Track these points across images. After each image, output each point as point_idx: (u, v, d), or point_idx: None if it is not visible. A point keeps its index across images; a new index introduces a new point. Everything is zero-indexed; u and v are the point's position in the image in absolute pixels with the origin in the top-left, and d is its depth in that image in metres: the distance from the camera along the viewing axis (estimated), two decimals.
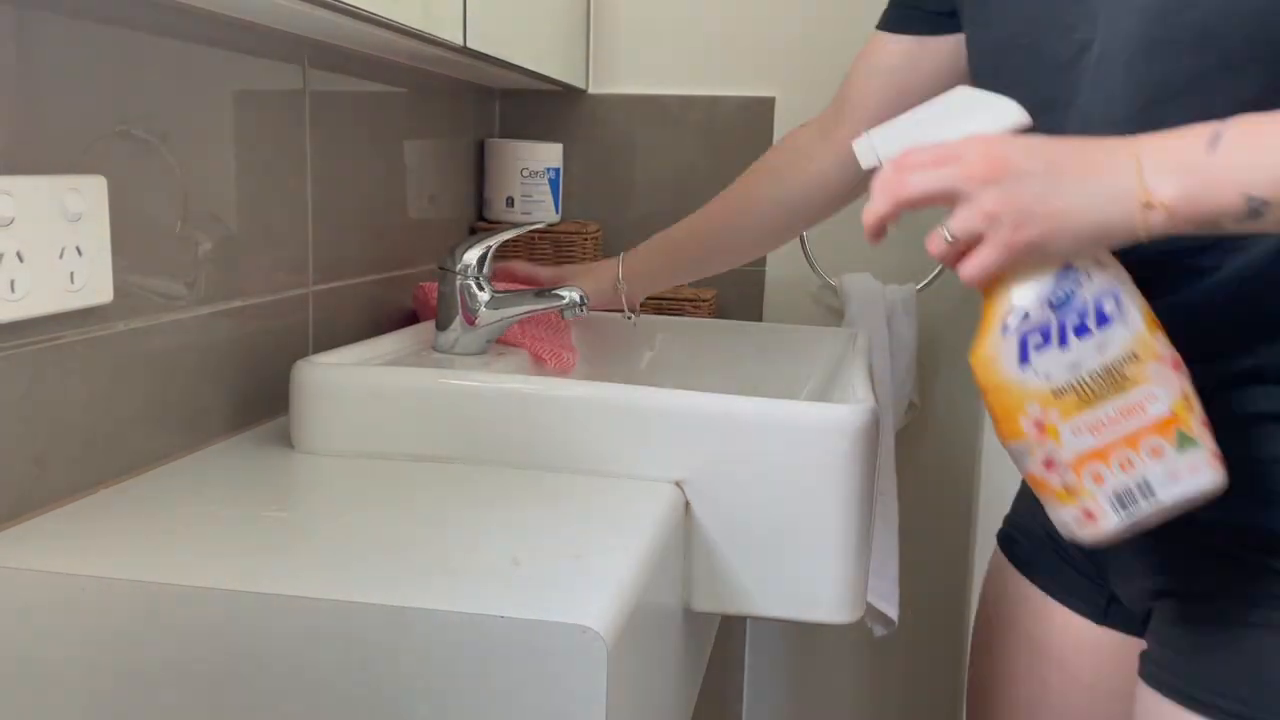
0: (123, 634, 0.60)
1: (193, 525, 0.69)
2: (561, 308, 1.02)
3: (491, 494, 0.77)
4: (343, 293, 1.10)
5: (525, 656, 0.56)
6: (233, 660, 0.59)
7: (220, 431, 0.90)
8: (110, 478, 0.77)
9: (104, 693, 0.61)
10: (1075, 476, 0.65)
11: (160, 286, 0.82)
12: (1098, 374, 0.64)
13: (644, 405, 0.80)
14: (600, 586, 0.61)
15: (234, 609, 0.59)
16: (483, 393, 0.83)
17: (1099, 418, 0.64)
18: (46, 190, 0.68)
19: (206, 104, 0.86)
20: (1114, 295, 0.64)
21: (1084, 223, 0.61)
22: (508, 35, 1.20)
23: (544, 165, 1.48)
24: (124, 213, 0.77)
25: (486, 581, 0.61)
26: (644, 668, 0.66)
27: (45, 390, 0.71)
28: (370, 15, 0.87)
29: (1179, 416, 0.63)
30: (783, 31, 1.52)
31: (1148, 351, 0.64)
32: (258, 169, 0.93)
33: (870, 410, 0.79)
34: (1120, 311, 0.64)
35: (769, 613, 0.80)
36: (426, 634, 0.57)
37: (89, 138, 0.73)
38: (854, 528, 0.78)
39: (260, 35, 0.93)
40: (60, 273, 0.69)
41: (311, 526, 0.70)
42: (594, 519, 0.72)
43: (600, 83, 1.56)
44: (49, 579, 0.61)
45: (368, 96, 1.13)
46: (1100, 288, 0.64)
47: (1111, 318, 0.64)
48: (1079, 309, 0.64)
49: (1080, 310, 0.64)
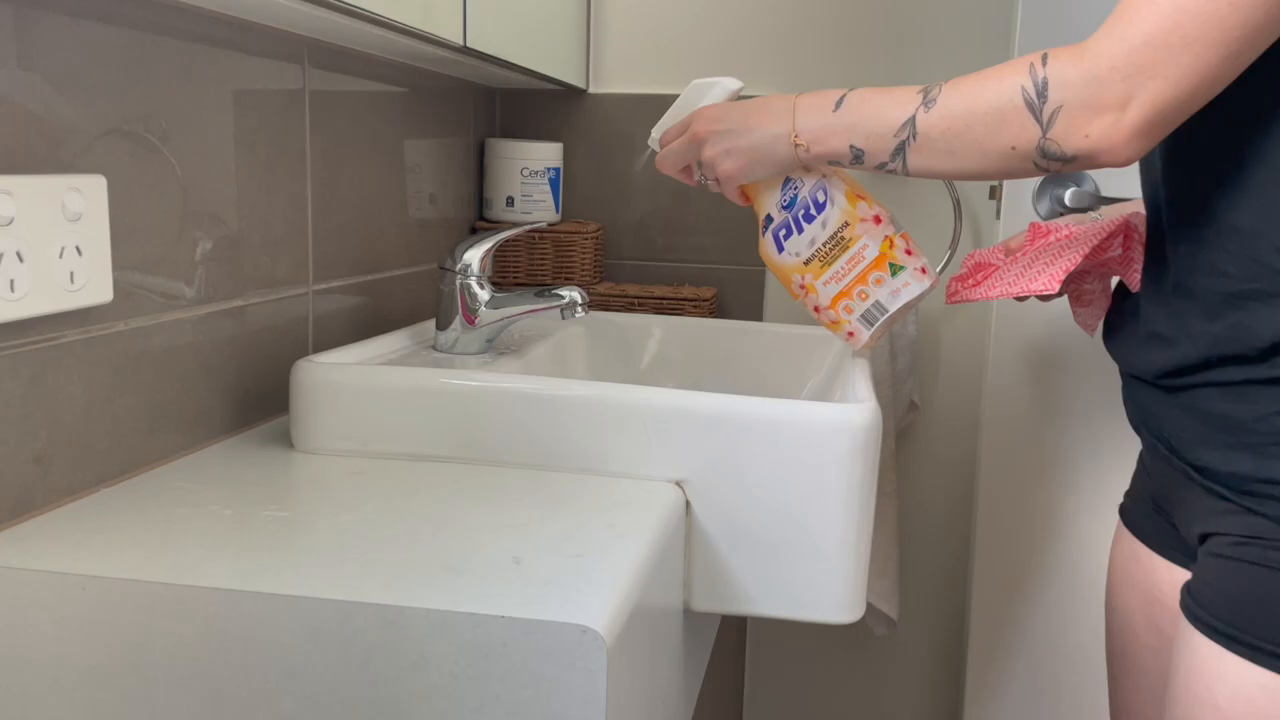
0: (123, 634, 0.60)
1: (193, 525, 0.69)
2: (561, 307, 1.02)
3: (492, 494, 0.77)
4: (343, 292, 1.10)
5: (525, 656, 0.56)
6: (233, 660, 0.59)
7: (220, 431, 0.90)
8: (110, 477, 0.77)
9: (104, 692, 0.61)
10: (834, 312, 0.94)
11: (160, 286, 0.82)
12: (828, 243, 0.93)
13: (644, 405, 0.80)
14: (600, 586, 0.61)
15: (234, 609, 0.59)
16: (483, 392, 0.83)
17: (837, 270, 0.93)
18: (46, 190, 0.68)
19: (206, 103, 0.86)
20: (822, 188, 0.92)
21: (763, 155, 0.89)
22: (508, 35, 1.20)
23: (544, 165, 1.48)
24: (124, 212, 0.77)
25: (487, 581, 0.61)
26: (644, 668, 0.66)
27: (45, 390, 0.71)
28: (370, 15, 0.87)
29: (886, 254, 0.92)
30: (783, 31, 1.52)
31: (854, 218, 0.92)
32: (257, 168, 0.93)
33: (871, 410, 0.79)
34: (829, 198, 0.92)
35: (769, 613, 0.80)
36: (426, 634, 0.57)
37: (89, 137, 0.73)
38: (854, 528, 0.78)
39: (260, 35, 0.93)
40: (60, 272, 0.69)
41: (311, 526, 0.70)
42: (594, 519, 0.72)
43: (600, 82, 1.56)
44: (49, 579, 0.61)
45: (368, 96, 1.13)
46: (810, 187, 0.93)
47: (825, 204, 0.92)
48: (802, 205, 0.93)
49: (804, 205, 0.93)
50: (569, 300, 1.02)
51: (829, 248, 0.92)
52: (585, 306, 1.02)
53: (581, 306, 1.02)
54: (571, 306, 1.02)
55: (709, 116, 0.92)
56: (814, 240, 0.92)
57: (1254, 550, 0.76)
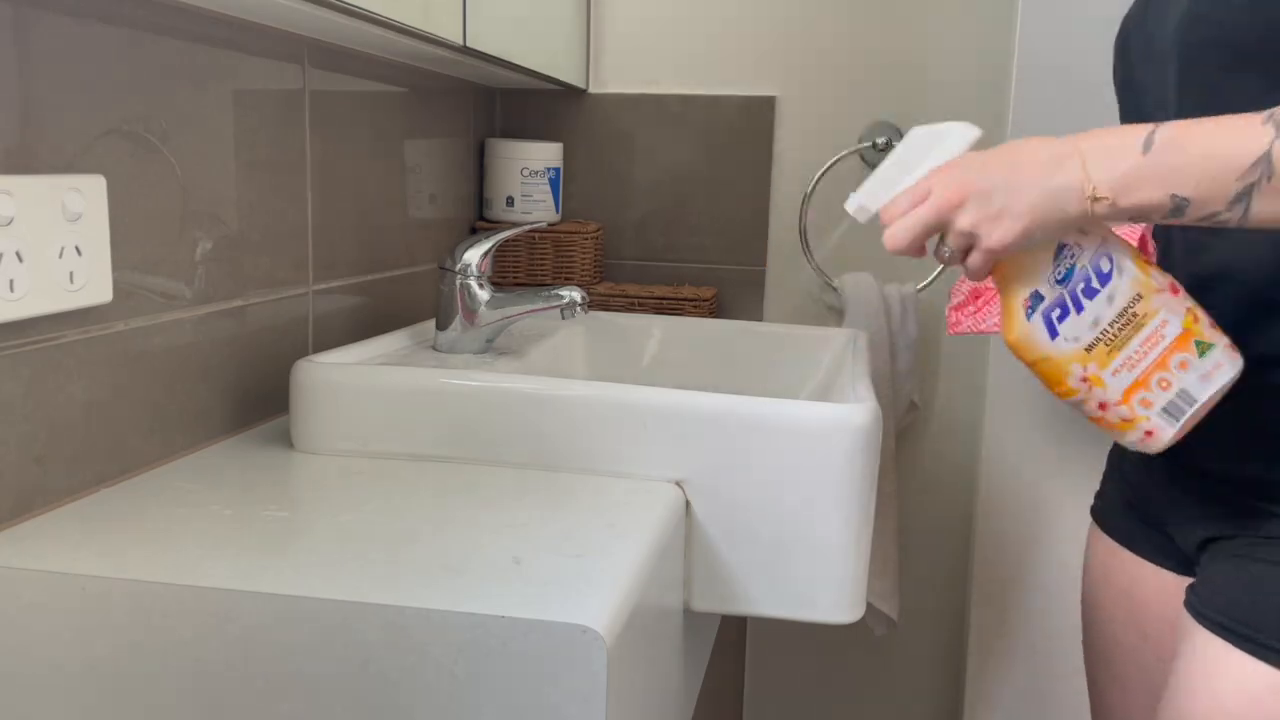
0: (123, 634, 0.60)
1: (192, 525, 0.69)
2: (561, 307, 1.02)
3: (492, 494, 0.77)
4: (343, 292, 1.10)
5: (525, 657, 0.56)
6: (233, 660, 0.59)
7: (220, 431, 0.90)
8: (110, 478, 0.77)
9: (104, 692, 0.61)
10: (1128, 408, 0.76)
11: (160, 286, 0.81)
12: (1115, 321, 0.75)
13: (644, 405, 0.80)
14: (600, 586, 0.61)
15: (234, 609, 0.59)
16: (483, 392, 0.83)
17: (1129, 356, 0.75)
18: (46, 190, 0.68)
19: (207, 103, 0.86)
20: (1106, 255, 0.76)
21: (1046, 216, 0.73)
22: (507, 35, 1.20)
23: (544, 165, 1.47)
24: (123, 212, 0.77)
25: (487, 581, 0.61)
26: (644, 668, 0.66)
27: (45, 390, 0.71)
28: (370, 14, 0.87)
29: (1190, 329, 0.75)
30: (784, 30, 1.52)
31: (1148, 288, 0.75)
32: (257, 168, 0.93)
33: (871, 410, 0.79)
34: (1115, 265, 0.76)
35: (769, 612, 0.80)
36: (426, 634, 0.57)
37: (88, 137, 0.73)
38: (854, 528, 0.78)
39: (260, 34, 0.93)
40: (60, 272, 0.69)
41: (311, 526, 0.70)
42: (594, 519, 0.72)
43: (600, 82, 1.56)
44: (49, 579, 0.61)
45: (368, 96, 1.13)
46: (1092, 253, 0.76)
47: (1110, 274, 0.76)
48: (1082, 276, 0.76)
49: (1084, 277, 0.76)
50: (569, 300, 1.01)
51: (1118, 328, 0.75)
52: (585, 306, 1.02)
53: (581, 306, 1.02)
54: (571, 306, 1.02)
55: (961, 178, 0.74)
56: (1098, 320, 0.75)
57: (1268, 549, 0.77)
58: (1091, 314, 0.76)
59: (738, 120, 1.52)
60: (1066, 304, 0.76)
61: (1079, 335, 0.76)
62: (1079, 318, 0.76)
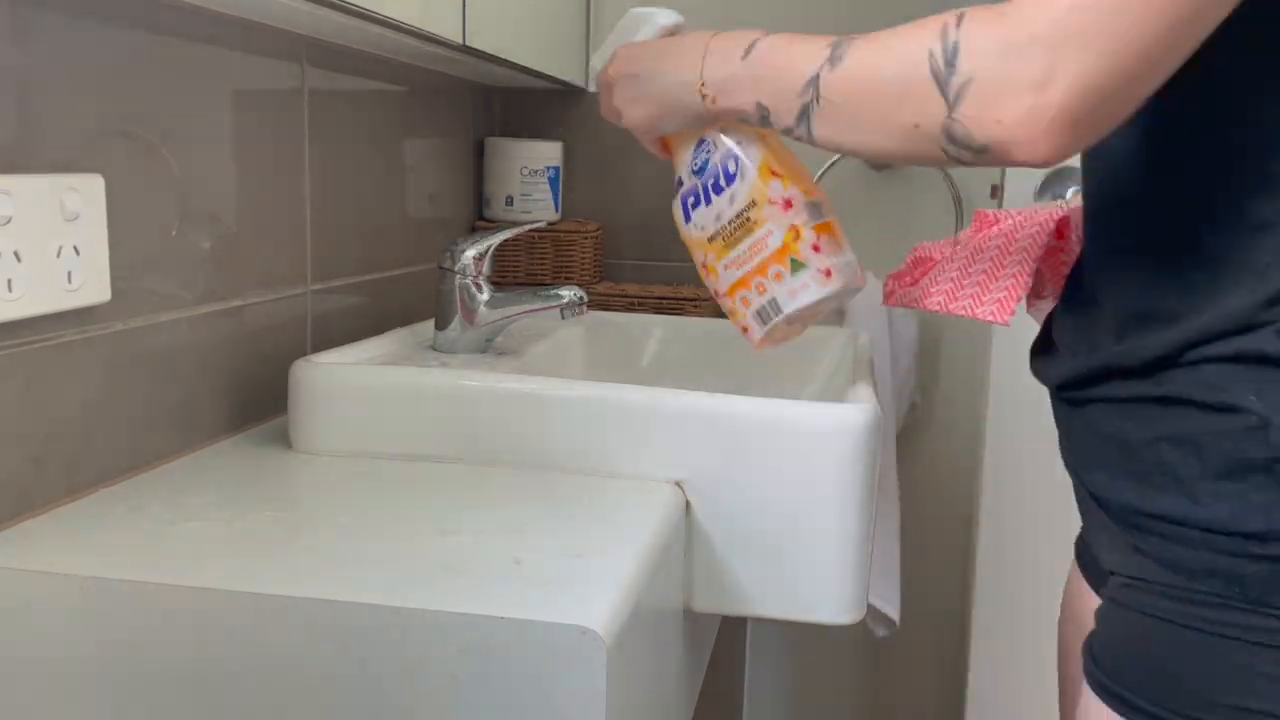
0: (120, 635, 0.60)
1: (190, 526, 0.69)
2: (561, 307, 1.01)
3: (491, 494, 0.77)
4: (341, 292, 1.09)
5: (525, 657, 0.56)
6: (231, 661, 0.59)
7: (218, 432, 0.90)
8: (108, 478, 0.77)
9: (102, 693, 0.61)
10: (731, 302, 0.81)
11: (158, 286, 0.81)
12: (733, 222, 0.80)
13: (644, 405, 0.80)
14: (600, 587, 0.61)
15: (232, 610, 0.59)
16: (482, 392, 0.82)
17: (738, 255, 0.80)
18: (44, 189, 0.68)
19: (205, 103, 0.86)
20: (734, 157, 0.80)
21: (670, 104, 0.78)
22: (507, 33, 1.19)
23: (544, 164, 1.47)
24: (122, 212, 0.76)
25: (486, 582, 0.61)
26: (644, 669, 0.66)
27: (43, 390, 0.71)
28: (369, 13, 0.87)
29: (789, 246, 0.78)
30: (784, 28, 1.52)
31: (762, 197, 0.79)
32: (256, 168, 0.93)
33: (872, 410, 0.79)
34: (740, 168, 0.79)
35: (770, 614, 0.80)
36: (426, 635, 0.57)
37: (87, 136, 0.73)
38: (855, 528, 0.78)
39: (259, 33, 0.92)
40: (58, 272, 0.69)
41: (310, 527, 0.70)
42: (594, 519, 0.72)
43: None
44: (47, 579, 0.61)
45: (366, 95, 1.13)
46: (724, 152, 0.80)
47: (734, 176, 0.80)
48: (713, 172, 0.81)
49: (714, 173, 0.81)
50: (569, 300, 1.01)
51: (733, 227, 0.80)
52: (585, 306, 1.02)
53: (581, 306, 1.02)
54: (571, 306, 1.01)
55: (625, 56, 0.81)
56: (719, 216, 0.81)
57: (1136, 595, 0.67)
58: (715, 209, 0.81)
59: None
60: (699, 194, 0.82)
61: (704, 225, 0.81)
62: (706, 209, 0.81)
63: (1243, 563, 0.60)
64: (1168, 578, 0.64)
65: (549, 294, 1.02)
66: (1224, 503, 0.61)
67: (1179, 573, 0.63)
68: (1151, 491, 0.64)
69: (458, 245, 1.03)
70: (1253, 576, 0.60)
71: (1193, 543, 0.62)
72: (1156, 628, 0.65)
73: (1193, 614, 0.63)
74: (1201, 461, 0.61)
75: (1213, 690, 0.62)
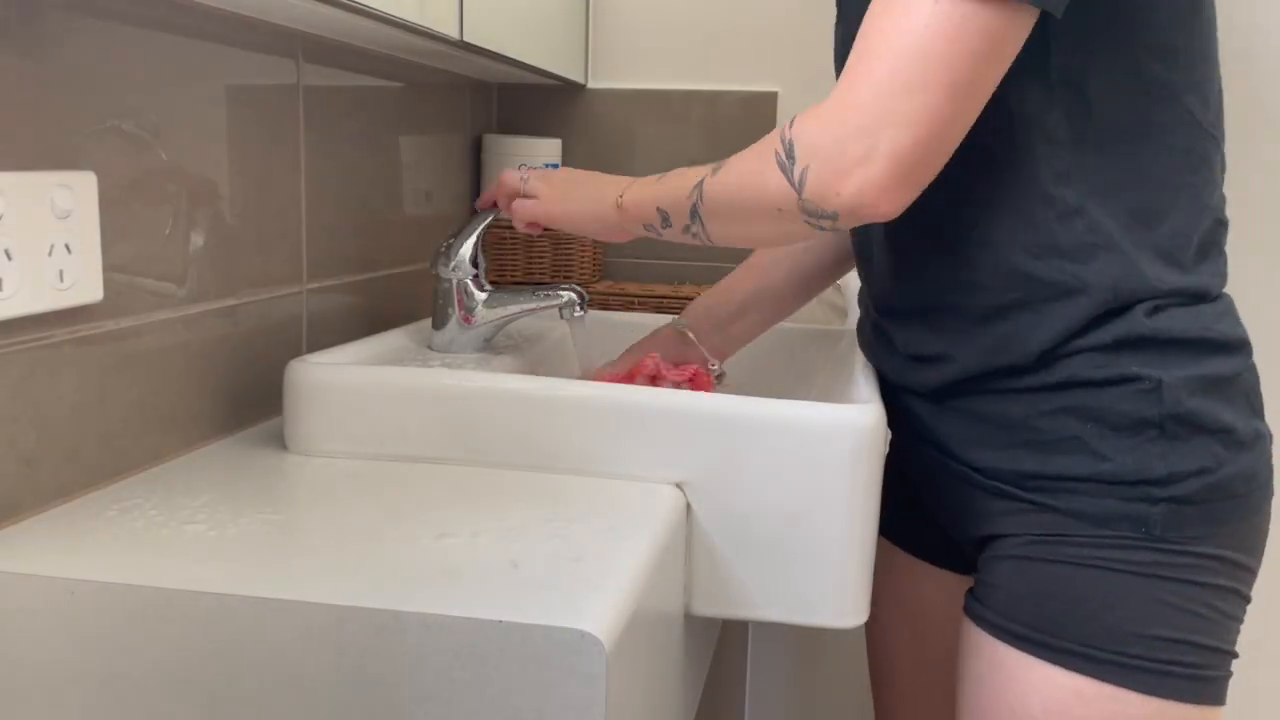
0: (113, 639, 0.60)
1: (184, 528, 0.68)
2: (560, 306, 1.01)
3: (489, 496, 0.76)
4: (337, 291, 1.09)
5: (523, 662, 0.56)
6: (225, 666, 0.59)
7: (212, 433, 0.90)
8: (101, 480, 0.77)
9: (94, 698, 0.60)
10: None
11: (151, 285, 0.81)
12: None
13: (644, 405, 0.79)
14: (599, 590, 0.60)
15: (227, 613, 0.58)
16: (480, 393, 0.82)
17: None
18: (35, 186, 0.67)
19: (199, 99, 0.85)
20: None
21: (587, 206, 0.91)
22: (505, 28, 1.19)
23: (542, 161, 1.47)
24: (114, 209, 0.76)
25: (484, 585, 0.60)
26: (644, 674, 0.66)
27: (34, 391, 0.70)
28: (365, 9, 0.86)
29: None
30: (786, 25, 1.51)
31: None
32: (251, 165, 0.93)
33: (875, 411, 0.78)
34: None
35: (772, 617, 0.79)
36: (422, 639, 0.57)
37: (79, 133, 0.73)
38: (859, 530, 0.77)
39: (254, 29, 0.92)
40: (49, 271, 0.68)
41: (305, 529, 0.69)
42: (593, 521, 0.72)
43: (600, 77, 1.55)
44: (38, 583, 0.60)
45: (363, 91, 1.13)
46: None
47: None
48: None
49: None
50: (567, 299, 1.01)
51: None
52: (584, 305, 1.02)
53: (580, 305, 1.01)
54: (570, 305, 1.01)
55: (545, 173, 0.96)
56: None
57: (1049, 548, 0.75)
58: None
59: (739, 116, 1.51)
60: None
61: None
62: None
63: (1146, 507, 0.72)
64: (1079, 528, 0.74)
65: (547, 293, 1.02)
66: (1127, 456, 0.72)
67: (1087, 521, 0.74)
68: (1055, 456, 0.75)
69: (454, 243, 1.02)
70: (1155, 516, 0.72)
71: (1099, 494, 0.73)
72: (1074, 574, 0.74)
73: (1106, 557, 0.73)
74: (1102, 424, 0.73)
75: (1130, 622, 0.72)
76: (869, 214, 0.69)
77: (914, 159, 0.67)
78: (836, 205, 0.69)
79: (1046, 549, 0.75)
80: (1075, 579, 0.74)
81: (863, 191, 0.68)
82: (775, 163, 0.72)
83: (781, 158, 0.71)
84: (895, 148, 0.66)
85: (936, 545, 0.93)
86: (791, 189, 0.71)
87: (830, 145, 0.68)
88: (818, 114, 0.70)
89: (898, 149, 0.66)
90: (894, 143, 0.66)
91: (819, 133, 0.69)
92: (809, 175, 0.69)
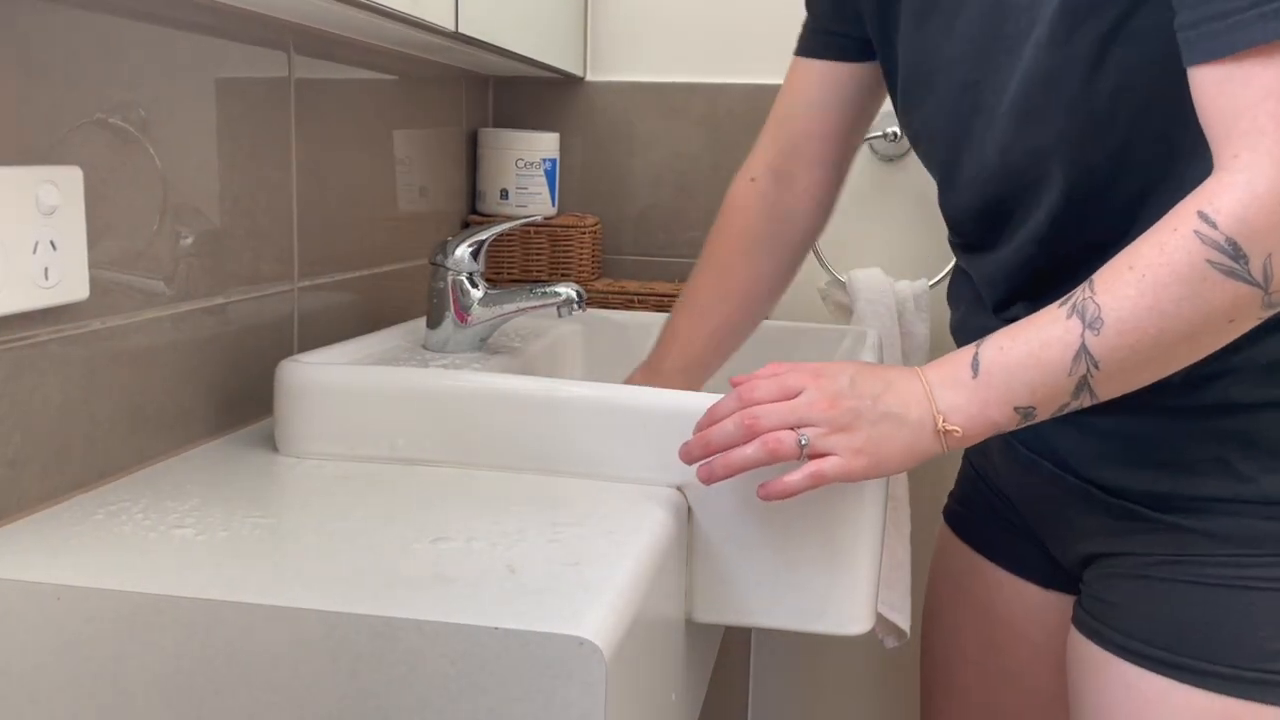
0: (100, 646, 0.59)
1: (173, 532, 0.68)
2: (557, 304, 1.00)
3: (485, 499, 0.76)
4: (329, 289, 1.09)
5: (520, 670, 0.56)
6: (215, 673, 0.58)
7: (202, 434, 0.89)
8: (87, 483, 0.76)
9: (80, 706, 0.60)
10: None
11: (138, 283, 0.80)
12: None
13: (645, 406, 0.79)
14: (598, 596, 0.60)
15: (216, 620, 0.58)
16: (476, 393, 0.81)
17: None
18: (19, 182, 0.67)
19: (188, 92, 0.85)
20: None
21: (902, 450, 0.71)
22: (501, 20, 1.19)
23: (540, 156, 1.46)
24: (101, 205, 0.75)
25: (480, 591, 0.60)
26: (644, 682, 0.66)
27: (18, 391, 0.70)
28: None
29: None
30: (789, 17, 1.50)
31: None
32: (241, 160, 0.92)
33: None
34: None
35: (775, 624, 0.79)
36: (417, 646, 0.56)
37: (64, 127, 0.72)
38: (864, 535, 0.77)
39: (244, 20, 0.92)
40: (34, 268, 0.68)
41: (297, 533, 0.69)
42: (592, 525, 0.71)
43: (599, 70, 1.55)
44: (22, 588, 0.60)
45: (355, 84, 1.12)
46: None
47: None
48: None
49: None
50: (566, 297, 1.00)
51: None
52: (583, 304, 1.01)
53: (579, 304, 1.01)
54: (568, 304, 1.00)
55: (836, 389, 0.72)
56: None
57: (1183, 568, 0.75)
58: None
59: (742, 110, 1.51)
60: None
61: None
62: None
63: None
64: (1216, 548, 0.74)
65: (545, 291, 1.01)
66: (1275, 477, 0.73)
67: (1226, 541, 0.74)
68: (1194, 477, 0.75)
69: (450, 241, 1.03)
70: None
71: (1242, 514, 0.73)
72: (1213, 595, 0.74)
73: (1247, 576, 0.73)
74: (1250, 447, 0.73)
75: (1275, 640, 0.72)
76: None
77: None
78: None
79: (1180, 569, 0.75)
80: (1215, 600, 0.74)
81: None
82: (1216, 272, 0.64)
83: (1225, 263, 0.64)
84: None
85: (1025, 556, 0.92)
86: (1254, 288, 0.65)
87: (1273, 214, 0.63)
88: (1230, 186, 0.64)
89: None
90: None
91: (1256, 209, 0.63)
92: (1274, 262, 0.64)
